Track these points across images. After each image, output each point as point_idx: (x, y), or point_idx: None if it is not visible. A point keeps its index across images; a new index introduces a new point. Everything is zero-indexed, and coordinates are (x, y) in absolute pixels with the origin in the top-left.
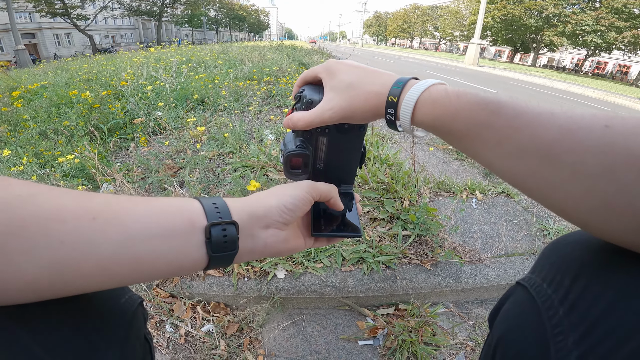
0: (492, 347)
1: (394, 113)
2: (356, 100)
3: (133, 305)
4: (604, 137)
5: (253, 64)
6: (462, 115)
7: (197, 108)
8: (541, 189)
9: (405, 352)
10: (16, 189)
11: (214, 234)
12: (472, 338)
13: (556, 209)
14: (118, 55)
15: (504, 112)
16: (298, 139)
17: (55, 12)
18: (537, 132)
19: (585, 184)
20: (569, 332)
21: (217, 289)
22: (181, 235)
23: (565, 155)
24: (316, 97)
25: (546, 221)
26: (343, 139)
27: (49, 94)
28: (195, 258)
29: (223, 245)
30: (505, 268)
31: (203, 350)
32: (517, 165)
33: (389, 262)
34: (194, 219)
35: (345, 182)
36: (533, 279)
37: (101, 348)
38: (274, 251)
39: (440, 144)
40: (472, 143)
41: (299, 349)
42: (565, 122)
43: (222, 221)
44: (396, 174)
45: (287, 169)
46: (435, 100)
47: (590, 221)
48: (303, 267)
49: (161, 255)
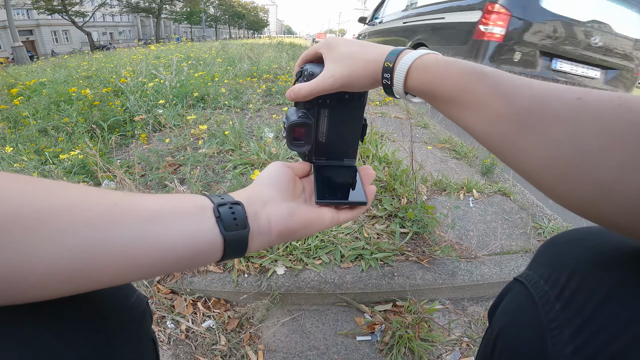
0: (491, 341)
1: (389, 78)
2: (355, 68)
3: (142, 304)
4: (574, 108)
5: (252, 62)
6: (449, 81)
7: (197, 105)
8: (513, 153)
9: (402, 348)
10: (44, 183)
11: (222, 212)
12: (467, 335)
13: (525, 174)
14: (117, 52)
15: (486, 81)
16: (300, 111)
17: (53, 8)
18: (513, 100)
19: (551, 151)
20: (565, 326)
21: (217, 285)
22: (194, 215)
23: (536, 123)
24: (317, 70)
25: (541, 220)
26: (344, 110)
27: (48, 91)
28: (211, 240)
29: (233, 223)
30: (501, 266)
31: (204, 346)
32: (493, 130)
33: (387, 259)
34: (203, 202)
35: (347, 156)
36: (530, 275)
37: (117, 346)
38: (284, 229)
39: (439, 143)
40: (455, 107)
41: (298, 344)
42: (540, 92)
43: (228, 201)
44: (394, 172)
45: (290, 140)
46: (427, 66)
47: (554, 188)
48: (302, 264)
49: (178, 236)
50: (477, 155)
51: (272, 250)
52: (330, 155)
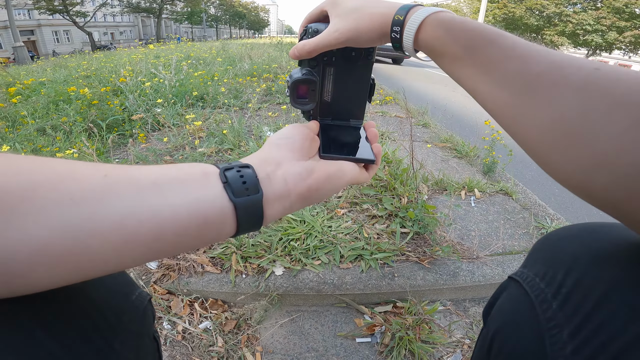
0: (487, 342)
1: (399, 31)
2: (361, 21)
3: (143, 302)
4: (589, 77)
5: (252, 61)
6: (462, 38)
7: (196, 105)
8: (514, 117)
9: (402, 350)
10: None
11: (230, 177)
12: (469, 336)
13: (522, 140)
14: (117, 52)
15: (501, 41)
16: (304, 69)
17: (54, 9)
18: (528, 64)
19: (555, 115)
20: (563, 325)
21: (215, 286)
22: (197, 181)
23: (547, 87)
24: (322, 27)
25: (544, 220)
26: (350, 68)
27: (46, 90)
28: (219, 208)
29: (243, 187)
30: (503, 266)
31: (200, 347)
32: (499, 93)
33: (387, 259)
34: (206, 169)
35: (354, 117)
36: (525, 273)
37: (117, 347)
38: (304, 188)
39: (440, 142)
40: (464, 66)
41: (297, 346)
42: (558, 59)
43: (235, 165)
44: (395, 172)
45: (294, 98)
46: (441, 21)
47: (549, 156)
48: (301, 264)
49: (181, 206)
50: (478, 155)
51: (270, 251)
52: (337, 115)
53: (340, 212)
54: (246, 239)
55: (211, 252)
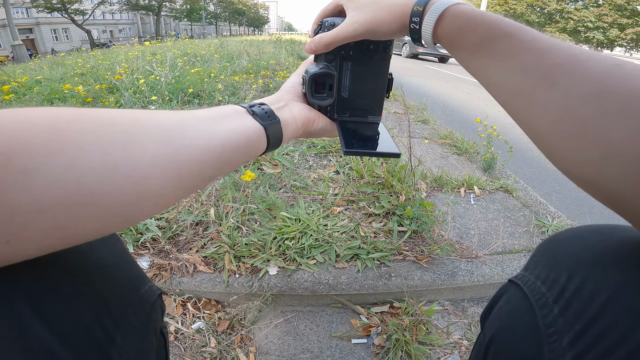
0: (483, 347)
1: (418, 22)
2: (380, 12)
3: (152, 296)
4: (608, 71)
5: (250, 58)
6: (481, 29)
7: (192, 102)
8: (526, 106)
9: (399, 351)
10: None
11: (256, 110)
12: (467, 337)
13: (532, 130)
14: (114, 49)
15: (522, 34)
16: (321, 63)
17: (52, 6)
18: (546, 56)
19: (570, 106)
20: (563, 332)
21: (207, 286)
22: (235, 113)
23: (564, 78)
24: (339, 21)
25: (545, 218)
26: (368, 62)
27: (42, 88)
28: (257, 130)
29: (266, 116)
30: (503, 266)
31: (193, 348)
32: (514, 81)
33: (384, 259)
34: (235, 108)
35: (372, 113)
36: (526, 276)
37: (117, 340)
38: (305, 118)
39: (439, 139)
40: (481, 57)
41: (291, 346)
42: (578, 52)
43: (256, 103)
44: (392, 168)
45: (311, 92)
46: (461, 13)
47: (558, 146)
48: (296, 264)
49: (231, 130)
50: (478, 151)
51: (264, 250)
52: (354, 111)
53: (336, 211)
54: (239, 238)
55: (204, 252)
